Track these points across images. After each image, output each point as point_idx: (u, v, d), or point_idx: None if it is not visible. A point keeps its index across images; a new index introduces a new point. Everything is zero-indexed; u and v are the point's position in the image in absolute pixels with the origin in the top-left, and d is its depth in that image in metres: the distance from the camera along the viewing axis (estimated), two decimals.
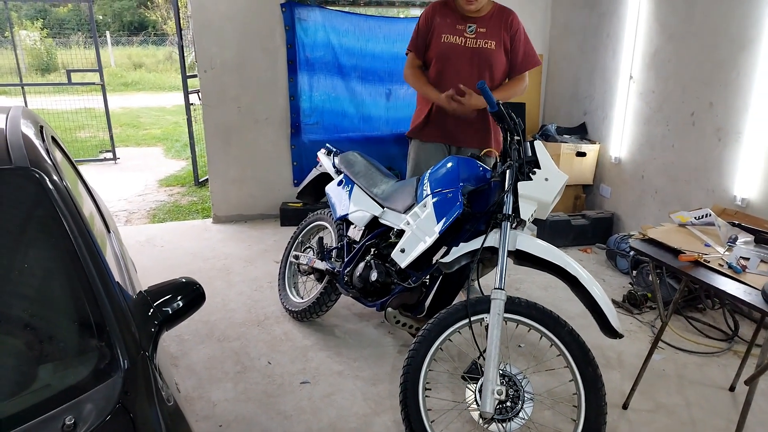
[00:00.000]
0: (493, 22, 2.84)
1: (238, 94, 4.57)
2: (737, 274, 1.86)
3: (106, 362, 1.24)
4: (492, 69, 2.85)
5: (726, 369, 2.66)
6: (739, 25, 3.08)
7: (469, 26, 2.82)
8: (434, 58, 2.89)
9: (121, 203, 5.60)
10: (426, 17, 2.91)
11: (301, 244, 3.23)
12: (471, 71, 2.82)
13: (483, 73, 2.84)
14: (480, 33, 2.82)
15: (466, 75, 2.81)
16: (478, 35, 2.82)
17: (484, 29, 2.82)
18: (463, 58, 2.83)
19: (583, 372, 1.89)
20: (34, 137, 1.75)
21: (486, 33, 2.82)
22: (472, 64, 2.82)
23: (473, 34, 2.81)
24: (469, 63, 2.82)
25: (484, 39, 2.82)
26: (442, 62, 2.87)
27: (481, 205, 2.20)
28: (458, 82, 2.78)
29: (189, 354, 2.77)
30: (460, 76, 2.81)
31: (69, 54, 13.00)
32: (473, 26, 2.82)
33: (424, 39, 2.92)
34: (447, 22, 2.85)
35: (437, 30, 2.86)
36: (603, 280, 3.66)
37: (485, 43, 2.82)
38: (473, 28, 2.82)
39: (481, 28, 2.82)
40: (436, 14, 2.89)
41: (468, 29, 2.82)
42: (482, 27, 2.82)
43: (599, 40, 4.36)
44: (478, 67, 2.83)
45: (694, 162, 3.47)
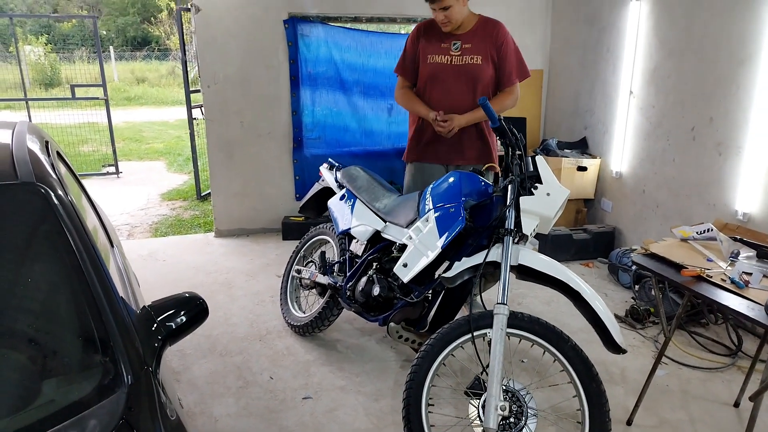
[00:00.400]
0: (479, 36, 2.82)
1: (240, 109, 4.60)
2: (740, 289, 1.86)
3: (109, 378, 1.24)
4: (479, 84, 2.83)
5: (730, 384, 2.65)
6: (738, 40, 3.11)
7: (454, 43, 2.82)
8: (423, 79, 2.90)
9: (124, 217, 5.62)
10: (412, 39, 2.93)
11: (303, 259, 3.23)
12: (459, 88, 2.82)
13: (471, 89, 2.83)
14: (465, 49, 2.81)
15: (454, 93, 2.82)
16: (464, 51, 2.81)
17: (469, 45, 2.81)
18: (451, 76, 2.83)
19: (586, 388, 1.88)
20: (40, 152, 1.76)
21: (472, 48, 2.81)
22: (460, 81, 2.82)
23: (458, 51, 2.81)
24: (456, 80, 2.82)
25: (470, 55, 2.81)
26: (431, 83, 2.87)
27: (484, 219, 2.21)
28: (447, 100, 2.80)
29: (191, 369, 2.77)
30: (449, 95, 2.82)
31: (73, 69, 13.14)
32: (458, 43, 2.82)
33: (412, 61, 2.94)
34: (432, 42, 2.85)
35: (423, 51, 2.87)
36: (605, 294, 3.65)
37: (471, 59, 2.81)
38: (458, 45, 2.81)
39: (466, 44, 2.81)
40: (421, 36, 2.90)
41: (453, 47, 2.82)
42: (467, 43, 2.81)
43: (599, 55, 4.40)
44: (465, 84, 2.82)
45: (695, 176, 3.48)
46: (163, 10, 22.68)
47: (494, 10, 4.85)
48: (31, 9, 22.58)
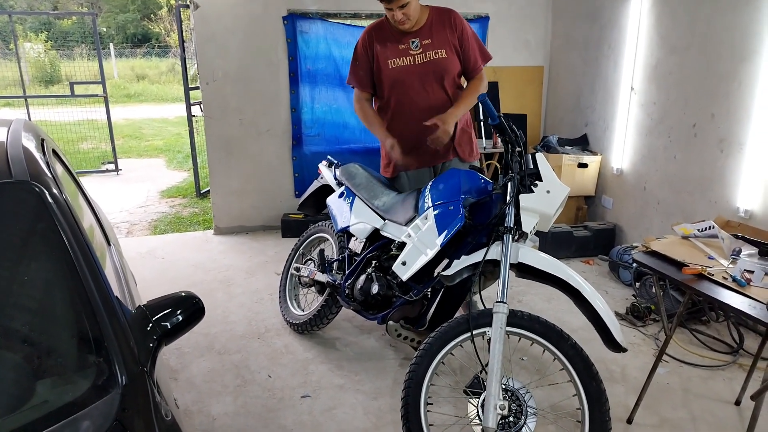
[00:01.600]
0: (435, 28, 2.66)
1: (240, 106, 4.58)
2: (741, 287, 1.85)
3: (104, 378, 1.22)
4: (448, 77, 2.68)
5: (731, 383, 2.63)
6: (741, 36, 3.09)
7: (412, 42, 2.65)
8: (387, 86, 2.72)
9: (123, 215, 5.60)
10: (363, 46, 2.74)
11: (302, 256, 3.22)
12: (429, 87, 2.68)
13: (440, 85, 2.68)
14: (426, 45, 2.65)
15: (425, 93, 2.68)
16: (425, 48, 2.65)
17: (428, 40, 2.65)
18: (417, 77, 2.66)
19: (586, 386, 1.86)
20: (35, 150, 1.75)
21: (432, 43, 2.65)
22: (428, 79, 2.66)
23: (419, 49, 2.65)
24: (424, 80, 2.67)
25: (433, 50, 2.65)
26: (396, 88, 2.70)
27: (483, 217, 2.19)
28: (419, 103, 2.67)
29: (189, 367, 2.75)
30: (420, 96, 2.68)
31: (72, 66, 13.09)
32: (416, 41, 2.65)
33: (366, 69, 2.75)
34: (387, 46, 2.68)
35: (380, 57, 2.69)
36: (606, 292, 3.64)
37: (435, 54, 2.65)
38: (417, 43, 2.65)
39: (425, 39, 2.65)
40: (373, 41, 2.71)
41: (412, 45, 2.65)
42: (426, 38, 2.65)
43: (600, 51, 4.37)
44: (435, 81, 2.67)
45: (697, 173, 3.46)
46: (163, 7, 22.62)
47: (496, 6, 4.85)
48: (31, 6, 22.54)
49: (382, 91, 2.77)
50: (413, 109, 2.70)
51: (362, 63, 2.76)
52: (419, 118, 2.68)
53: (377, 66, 2.72)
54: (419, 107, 2.70)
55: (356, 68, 2.80)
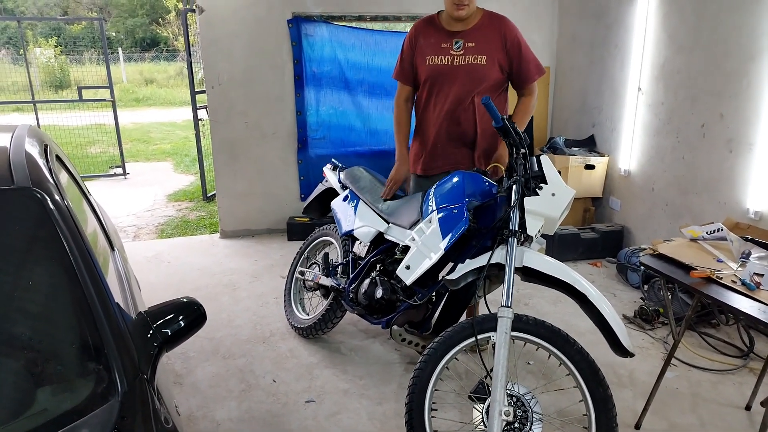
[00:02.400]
0: (483, 33, 2.56)
1: (245, 110, 4.59)
2: (751, 291, 1.81)
3: (103, 386, 1.22)
4: (483, 86, 2.57)
5: (741, 387, 2.59)
6: (749, 35, 3.05)
7: (455, 42, 2.56)
8: (422, 82, 2.67)
9: (130, 218, 5.63)
10: (409, 40, 2.68)
11: (306, 260, 3.21)
12: (460, 91, 2.57)
13: (472, 92, 2.57)
14: (468, 48, 2.55)
15: (456, 96, 2.58)
16: (467, 51, 2.55)
17: (472, 43, 2.55)
18: (452, 79, 2.58)
19: (593, 392, 1.84)
20: (38, 156, 1.75)
21: (475, 47, 2.55)
22: (463, 83, 2.56)
23: (460, 51, 2.55)
24: (458, 83, 2.57)
25: (473, 54, 2.55)
26: (431, 85, 2.64)
27: (488, 220, 2.17)
28: (445, 105, 2.60)
29: (194, 372, 2.75)
30: (449, 98, 2.59)
31: (82, 70, 13.21)
32: (460, 42, 2.56)
33: (410, 63, 2.69)
34: (431, 42, 2.61)
35: (421, 52, 2.63)
36: (614, 294, 3.60)
37: (475, 59, 2.55)
38: (460, 44, 2.56)
39: (469, 42, 2.55)
40: (419, 35, 2.65)
41: (455, 46, 2.56)
42: (470, 41, 2.55)
43: (607, 51, 4.34)
44: (467, 86, 2.56)
45: (706, 174, 3.42)
46: (172, 11, 22.77)
47: (500, 6, 4.80)
48: (42, 12, 22.77)
49: (419, 86, 2.72)
50: (440, 110, 2.63)
51: (406, 56, 2.70)
52: (443, 120, 2.63)
53: (416, 60, 2.66)
54: (445, 109, 2.61)
55: (401, 61, 2.74)
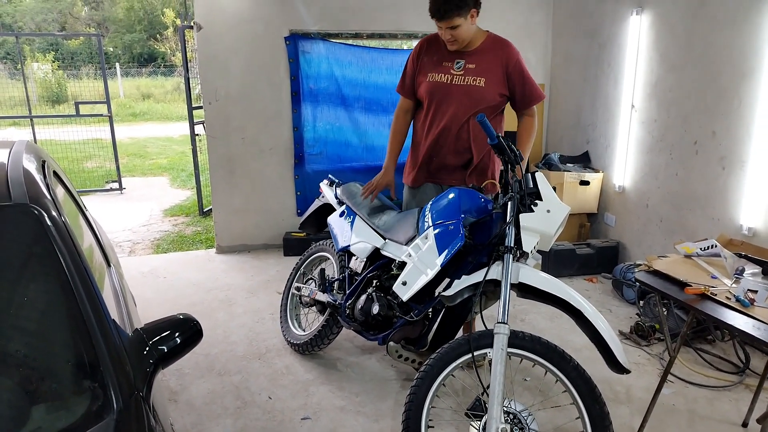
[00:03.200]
0: (486, 56, 2.60)
1: (242, 125, 4.61)
2: (745, 307, 1.82)
3: (98, 404, 1.21)
4: (479, 107, 2.60)
5: (738, 404, 2.59)
6: (740, 54, 3.10)
7: (456, 62, 2.61)
8: (422, 97, 2.71)
9: (126, 233, 5.61)
10: (413, 56, 2.74)
11: (303, 276, 3.21)
12: (456, 110, 2.61)
13: (468, 112, 2.60)
14: (469, 69, 2.59)
15: (450, 114, 2.62)
16: (467, 72, 2.59)
17: (473, 65, 2.59)
18: (449, 97, 2.61)
19: (589, 409, 1.84)
20: (36, 172, 1.75)
21: (476, 69, 2.59)
22: (460, 102, 2.60)
23: (461, 71, 2.60)
24: (455, 102, 2.60)
25: (473, 76, 2.58)
26: (429, 101, 2.67)
27: (483, 236, 2.18)
28: (440, 121, 2.64)
29: (189, 388, 2.73)
30: (445, 116, 2.63)
31: (79, 85, 13.24)
32: (461, 62, 2.60)
33: (412, 78, 2.75)
34: (434, 59, 2.65)
35: (423, 68, 2.68)
36: (609, 310, 3.60)
37: (474, 81, 2.58)
38: (461, 64, 2.60)
39: (470, 63, 2.59)
40: (423, 52, 2.70)
41: (455, 65, 2.61)
42: (472, 62, 2.59)
43: (600, 69, 4.39)
44: (464, 106, 2.59)
45: (699, 191, 3.45)
46: (169, 27, 22.94)
47: (495, 25, 4.86)
48: (40, 27, 22.89)
49: (421, 101, 2.77)
50: (437, 126, 2.67)
51: (409, 71, 2.76)
52: (438, 136, 2.67)
53: (418, 76, 2.71)
54: (441, 126, 2.65)
55: (404, 76, 2.80)
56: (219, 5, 4.37)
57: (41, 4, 23.56)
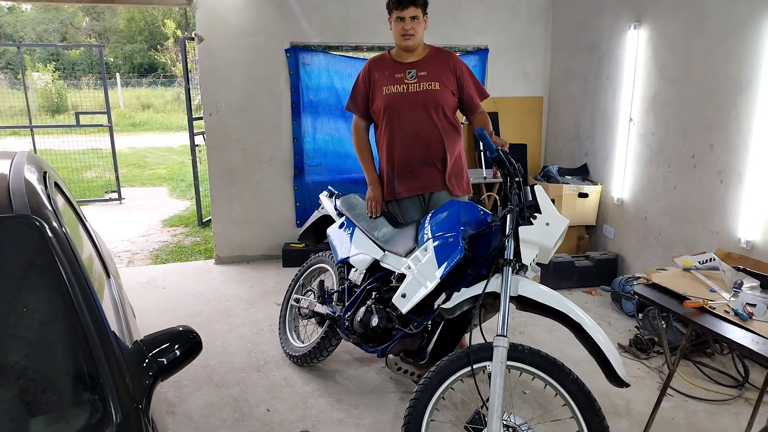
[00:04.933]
0: (433, 63, 2.77)
1: (242, 137, 4.63)
2: (744, 321, 1.83)
3: (98, 416, 1.21)
4: (440, 108, 2.76)
5: (738, 417, 2.59)
6: (737, 68, 3.13)
7: (408, 72, 2.76)
8: (381, 111, 2.80)
9: (125, 244, 5.61)
10: (364, 75, 2.87)
11: (302, 287, 3.21)
12: (419, 115, 2.75)
13: (430, 116, 2.75)
14: (421, 76, 2.75)
15: (415, 120, 2.75)
16: (420, 79, 2.75)
17: (424, 72, 2.75)
18: (409, 104, 2.75)
19: (589, 423, 1.83)
20: (37, 184, 1.76)
21: (427, 75, 2.75)
22: (420, 107, 2.74)
23: (414, 79, 2.75)
24: (416, 107, 2.74)
25: (426, 81, 2.75)
26: (390, 114, 2.78)
27: (483, 249, 2.19)
28: (407, 129, 2.75)
29: (187, 400, 2.72)
30: (410, 124, 2.75)
31: (79, 95, 13.30)
32: (413, 71, 2.76)
33: (364, 96, 2.87)
34: (385, 74, 2.79)
35: (377, 84, 2.80)
36: (609, 323, 3.60)
37: (429, 85, 2.75)
38: (413, 74, 2.75)
39: (421, 71, 2.75)
40: (373, 70, 2.83)
41: (408, 75, 2.76)
42: (422, 70, 2.76)
43: (599, 82, 4.43)
44: (425, 110, 2.74)
45: (697, 204, 3.46)
46: (170, 38, 23.07)
47: (495, 39, 4.93)
48: (41, 37, 23.01)
49: (377, 117, 2.87)
50: (404, 135, 2.78)
51: (360, 90, 2.89)
52: (409, 144, 2.78)
53: (372, 93, 2.84)
54: (408, 133, 2.77)
55: (355, 95, 2.93)
56: (220, 17, 4.41)
57: (42, 14, 23.70)
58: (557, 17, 4.98)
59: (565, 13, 4.86)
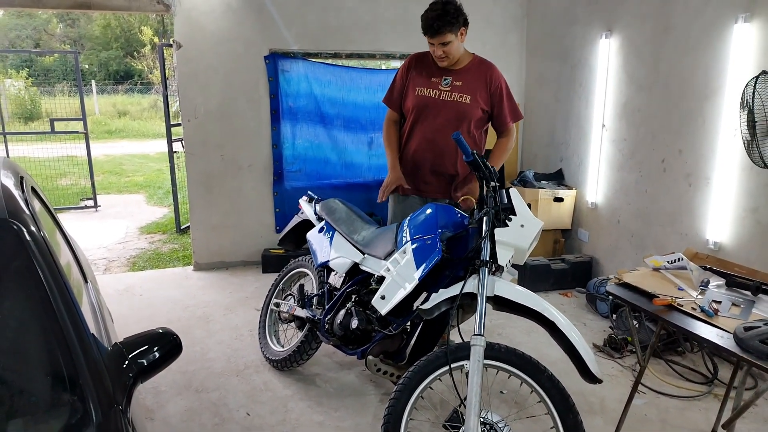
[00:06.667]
0: (471, 75, 2.81)
1: (221, 143, 4.63)
2: (709, 317, 1.90)
3: (78, 417, 1.21)
4: (466, 123, 2.81)
5: (707, 413, 2.67)
6: (704, 76, 3.24)
7: (444, 79, 2.81)
8: (409, 110, 2.88)
9: (101, 251, 5.54)
10: (403, 70, 2.93)
11: (282, 292, 3.22)
12: (443, 124, 2.79)
13: (456, 126, 2.78)
14: (456, 86, 2.80)
15: (438, 127, 2.80)
16: (454, 88, 2.80)
17: (460, 82, 2.80)
18: (437, 111, 2.80)
19: (563, 418, 1.88)
20: (14, 188, 1.75)
21: (462, 87, 2.79)
22: (447, 117, 2.79)
23: (448, 87, 2.80)
24: (442, 116, 2.80)
25: (459, 93, 2.79)
26: (416, 114, 2.86)
27: (460, 251, 2.23)
28: (426, 134, 2.82)
29: (165, 406, 2.70)
30: (432, 129, 2.82)
31: (53, 102, 13.09)
32: (449, 79, 2.80)
33: (400, 91, 2.93)
34: (423, 74, 2.84)
35: (412, 83, 2.86)
36: (584, 324, 3.68)
37: (460, 97, 2.79)
38: (449, 81, 2.80)
39: (457, 81, 2.80)
40: (412, 67, 2.90)
41: (443, 82, 2.81)
42: (458, 80, 2.80)
43: (573, 89, 4.53)
44: (451, 121, 2.79)
45: (667, 207, 3.57)
46: (147, 45, 22.85)
47: (471, 46, 4.97)
48: (13, 43, 22.60)
49: (407, 113, 2.93)
50: (423, 138, 2.84)
51: (398, 85, 2.94)
52: (424, 148, 2.85)
53: (407, 89, 2.88)
54: (427, 138, 2.83)
55: (392, 89, 2.98)
56: (199, 24, 4.41)
57: (15, 20, 23.29)
58: (531, 26, 5.09)
59: (539, 22, 4.98)
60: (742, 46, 2.97)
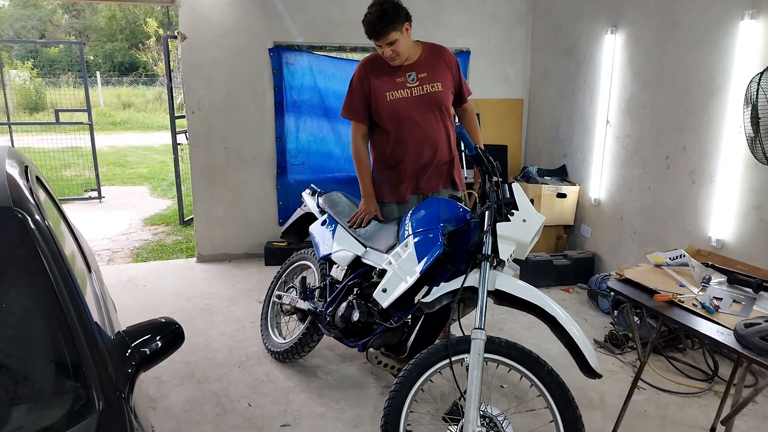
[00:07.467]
0: (432, 63, 2.75)
1: (225, 135, 4.64)
2: (710, 314, 1.90)
3: (81, 404, 1.23)
4: (443, 109, 2.78)
5: (707, 410, 2.67)
6: (708, 72, 3.23)
7: (409, 75, 2.73)
8: (386, 119, 2.76)
9: (105, 242, 5.57)
10: (359, 80, 2.78)
11: (284, 284, 3.23)
12: (426, 119, 2.75)
13: (437, 117, 2.77)
14: (422, 78, 2.72)
15: (423, 124, 2.74)
16: (422, 81, 2.72)
17: (425, 74, 2.73)
18: (415, 109, 2.73)
19: (563, 413, 1.89)
20: (19, 177, 1.77)
21: (428, 77, 2.73)
22: (425, 110, 2.74)
23: (416, 82, 2.72)
24: (422, 112, 2.74)
25: (429, 83, 2.73)
26: (396, 121, 2.75)
27: (462, 245, 2.24)
28: (417, 133, 2.75)
29: (168, 396, 2.73)
30: (417, 127, 2.74)
31: (58, 93, 13.10)
32: (413, 74, 2.72)
33: (363, 102, 2.79)
34: (384, 78, 2.73)
35: (377, 90, 2.74)
36: (585, 320, 3.68)
37: (432, 87, 2.73)
38: (413, 76, 2.72)
39: (421, 73, 2.73)
40: (368, 74, 2.76)
41: (409, 78, 2.72)
42: (422, 72, 2.73)
43: (577, 85, 4.52)
44: (432, 112, 2.76)
45: (671, 203, 3.56)
46: (151, 37, 22.84)
47: (476, 42, 5.00)
48: (19, 34, 22.62)
49: (382, 123, 2.80)
50: (415, 139, 2.77)
51: (358, 96, 2.80)
52: (420, 148, 2.79)
53: (374, 99, 2.76)
54: (419, 137, 2.77)
55: (352, 101, 2.83)
56: (204, 16, 4.41)
57: (20, 10, 23.29)
58: (536, 21, 5.07)
59: (544, 18, 4.96)
60: (748, 43, 2.96)
